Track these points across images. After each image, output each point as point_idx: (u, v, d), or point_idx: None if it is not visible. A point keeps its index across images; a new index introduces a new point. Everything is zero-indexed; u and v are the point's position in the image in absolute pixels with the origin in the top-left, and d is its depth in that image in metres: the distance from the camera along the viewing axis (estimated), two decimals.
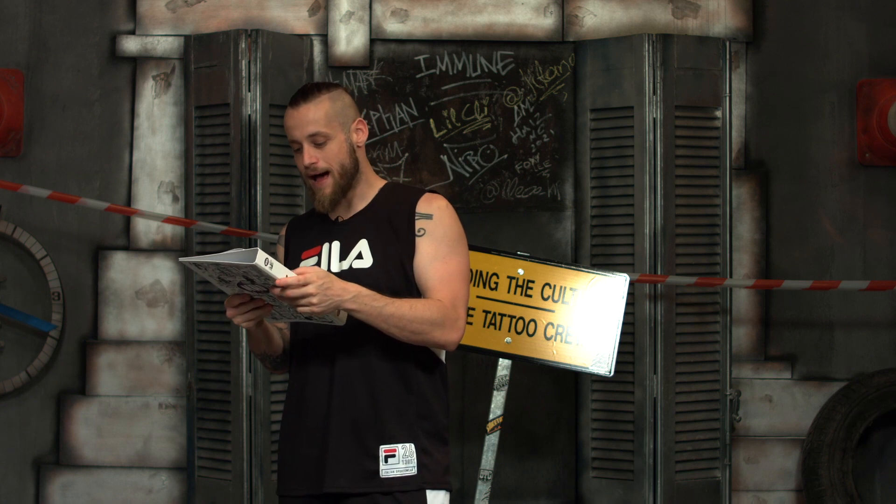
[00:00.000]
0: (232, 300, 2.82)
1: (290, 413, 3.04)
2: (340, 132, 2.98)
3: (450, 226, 3.01)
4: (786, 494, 5.29)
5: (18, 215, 5.14)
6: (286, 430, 3.05)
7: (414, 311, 2.89)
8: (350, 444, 2.92)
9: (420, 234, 2.97)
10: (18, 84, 5.15)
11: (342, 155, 2.97)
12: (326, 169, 2.96)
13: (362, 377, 2.93)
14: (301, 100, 2.97)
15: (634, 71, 4.94)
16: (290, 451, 3.05)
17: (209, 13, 5.19)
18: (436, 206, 3.00)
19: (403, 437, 2.94)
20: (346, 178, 2.98)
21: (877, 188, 5.35)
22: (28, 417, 5.16)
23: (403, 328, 2.88)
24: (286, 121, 2.99)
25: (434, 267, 2.96)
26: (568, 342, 4.37)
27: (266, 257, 2.66)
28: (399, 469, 2.92)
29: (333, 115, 2.97)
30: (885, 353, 5.33)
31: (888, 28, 5.36)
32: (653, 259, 4.90)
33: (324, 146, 2.95)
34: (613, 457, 4.98)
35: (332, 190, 2.97)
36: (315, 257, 3.01)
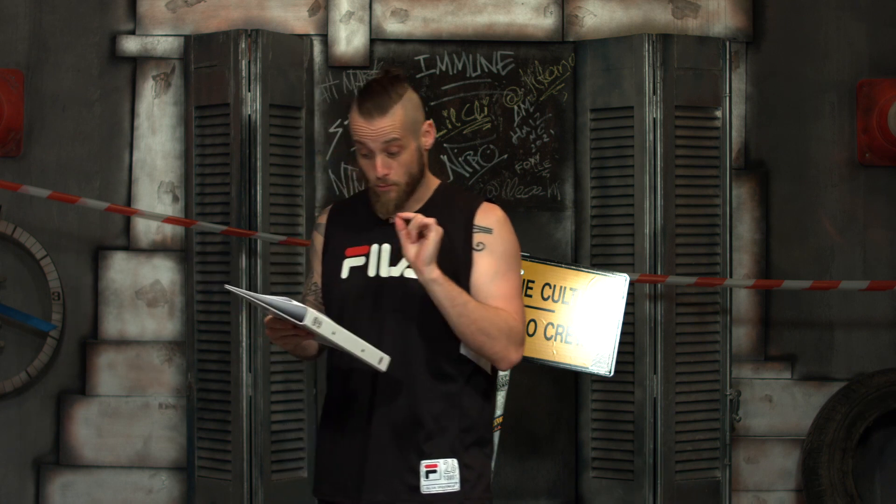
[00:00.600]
0: (274, 322, 2.74)
1: (329, 417, 2.95)
2: (413, 140, 2.87)
3: (509, 241, 2.91)
4: (786, 494, 5.29)
5: (18, 215, 5.14)
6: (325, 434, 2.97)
7: (490, 313, 2.80)
8: (391, 456, 2.84)
9: (479, 249, 2.88)
10: (18, 84, 5.15)
11: (412, 163, 2.87)
12: (396, 181, 2.85)
13: (405, 388, 2.84)
14: (376, 111, 2.82)
15: (634, 71, 4.94)
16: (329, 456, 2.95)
17: (209, 13, 5.19)
18: (495, 220, 2.90)
19: (445, 452, 2.86)
20: (413, 185, 2.89)
21: (877, 188, 5.35)
22: (28, 417, 5.16)
23: (475, 322, 2.77)
24: (355, 126, 2.86)
25: (496, 284, 2.86)
26: (568, 342, 4.37)
27: (315, 317, 2.61)
28: (440, 485, 2.84)
29: (408, 123, 2.85)
30: (885, 353, 5.33)
31: (888, 28, 5.36)
32: (653, 259, 4.90)
33: (397, 155, 2.84)
34: (613, 457, 4.97)
35: (396, 195, 2.87)
36: (361, 258, 2.91)
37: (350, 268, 2.91)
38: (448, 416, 2.86)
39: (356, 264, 2.90)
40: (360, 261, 2.90)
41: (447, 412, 2.86)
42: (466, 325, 2.77)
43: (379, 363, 2.71)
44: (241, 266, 4.84)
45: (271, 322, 2.73)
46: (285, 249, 4.94)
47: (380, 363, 2.71)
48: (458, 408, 2.87)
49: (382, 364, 2.71)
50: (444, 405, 2.86)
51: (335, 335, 2.65)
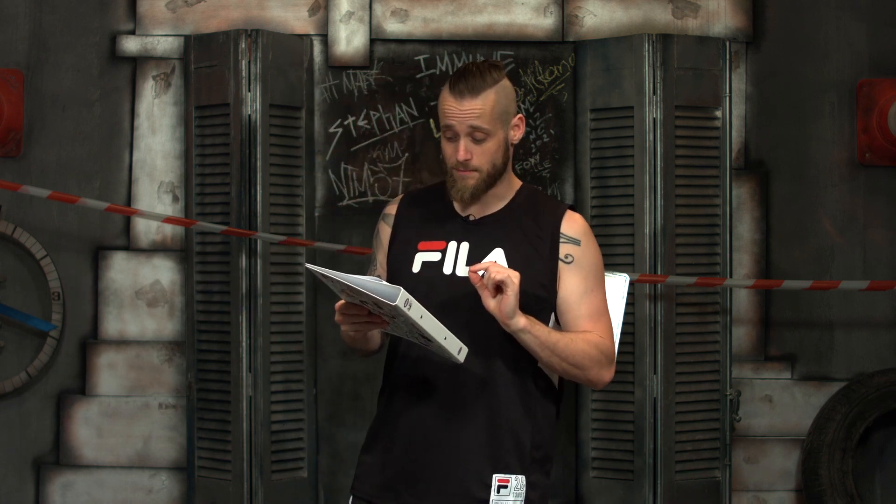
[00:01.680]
0: (347, 308, 2.61)
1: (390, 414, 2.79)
2: (500, 130, 2.76)
3: (596, 254, 2.84)
4: (786, 494, 5.29)
5: (18, 215, 5.14)
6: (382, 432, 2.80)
7: (578, 346, 2.72)
8: (464, 465, 2.70)
9: (568, 261, 2.79)
10: (18, 84, 5.15)
11: (497, 154, 2.76)
12: (478, 167, 2.74)
13: (484, 394, 2.71)
14: (467, 91, 2.71)
15: (634, 71, 4.94)
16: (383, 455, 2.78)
17: (209, 13, 5.19)
18: (582, 231, 2.82)
19: (518, 467, 2.72)
20: (494, 177, 2.77)
21: (877, 188, 5.35)
22: (28, 417, 5.16)
23: (566, 359, 2.70)
24: (444, 105, 2.75)
25: (585, 303, 2.79)
26: None
27: (407, 298, 2.48)
28: (508, 501, 2.70)
29: (498, 111, 2.74)
30: (885, 353, 5.33)
31: (888, 28, 5.36)
32: (653, 259, 4.90)
33: (482, 142, 2.73)
34: (613, 457, 4.97)
35: (475, 183, 2.75)
36: (437, 253, 2.79)
37: (423, 262, 2.79)
38: (524, 428, 2.74)
39: (430, 259, 2.79)
40: (435, 256, 2.78)
41: (523, 424, 2.74)
42: (557, 362, 2.70)
43: (458, 353, 2.58)
44: (241, 266, 4.84)
45: (343, 308, 2.61)
46: (285, 249, 4.94)
47: (459, 353, 2.59)
48: (532, 421, 2.75)
49: (461, 354, 2.59)
50: (521, 416, 2.73)
51: (422, 319, 2.51)
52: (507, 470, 2.71)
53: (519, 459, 2.73)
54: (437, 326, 2.55)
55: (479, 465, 2.70)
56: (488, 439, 2.70)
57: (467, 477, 2.70)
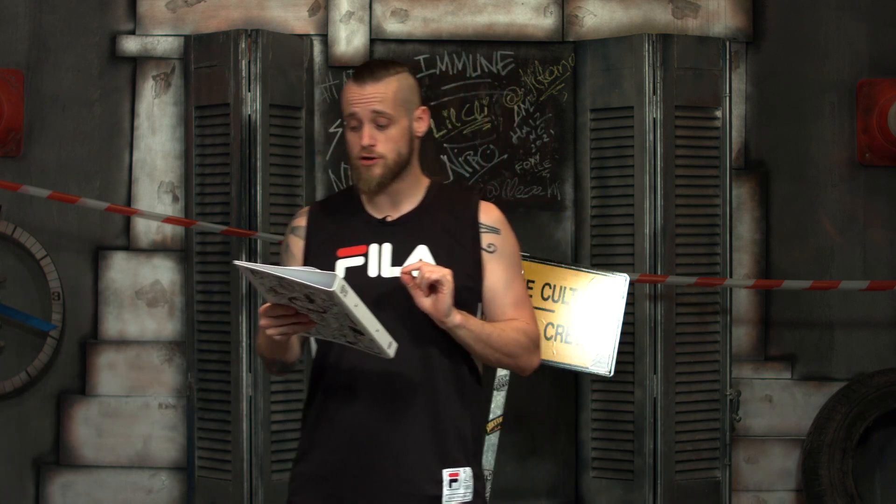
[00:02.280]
0: (272, 310, 2.56)
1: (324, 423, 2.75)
2: (404, 117, 2.77)
3: (514, 242, 2.85)
4: (786, 494, 5.29)
5: (18, 215, 5.14)
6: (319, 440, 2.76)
7: (510, 335, 2.73)
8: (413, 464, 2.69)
9: (490, 251, 2.79)
10: (18, 84, 5.15)
11: (402, 142, 2.76)
12: (382, 154, 2.74)
13: (424, 391, 2.71)
14: (369, 76, 2.75)
15: (634, 71, 4.94)
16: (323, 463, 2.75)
17: (209, 13, 5.19)
18: (499, 219, 2.83)
19: (464, 459, 2.73)
20: (400, 166, 2.77)
21: (877, 188, 5.35)
22: (28, 417, 5.16)
23: (499, 349, 2.72)
24: (347, 94, 2.76)
25: (510, 291, 2.79)
26: (568, 342, 4.37)
27: (343, 285, 2.44)
28: (459, 495, 2.71)
29: (401, 98, 2.76)
30: (885, 353, 5.33)
31: (888, 28, 5.36)
32: (653, 259, 4.90)
33: (386, 129, 2.74)
34: (613, 457, 4.97)
35: (381, 172, 2.75)
36: (359, 258, 2.77)
37: (346, 268, 2.77)
38: (464, 421, 2.75)
39: (353, 264, 2.77)
40: (358, 261, 2.77)
41: (463, 417, 2.75)
42: (491, 353, 2.72)
43: (388, 347, 2.55)
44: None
45: (269, 310, 2.57)
46: None
47: (389, 347, 2.55)
48: (470, 413, 2.77)
49: (391, 349, 2.56)
50: (461, 410, 2.75)
51: (357, 308, 2.47)
52: (456, 463, 2.72)
53: (464, 452, 2.74)
54: (370, 317, 2.52)
55: (427, 462, 2.70)
56: (433, 435, 2.71)
57: (417, 475, 2.69)
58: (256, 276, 2.50)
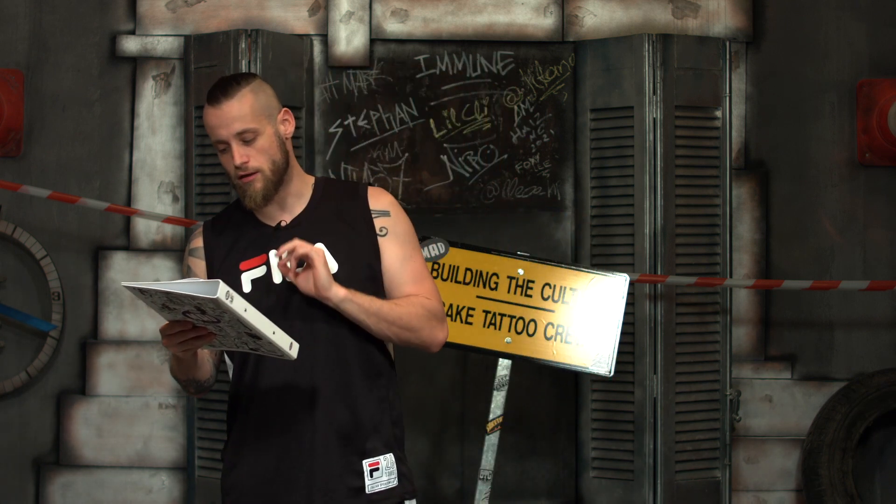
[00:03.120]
0: (170, 327, 2.56)
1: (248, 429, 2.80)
2: (268, 125, 2.79)
3: (406, 220, 2.88)
4: (786, 494, 5.29)
5: (18, 215, 5.15)
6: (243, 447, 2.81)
7: (404, 308, 2.77)
8: (335, 461, 2.75)
9: (382, 234, 2.83)
10: (18, 84, 5.15)
11: (272, 150, 2.78)
12: (258, 168, 2.75)
13: (343, 389, 2.76)
14: (222, 96, 2.76)
15: (634, 71, 4.94)
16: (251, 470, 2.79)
17: (209, 13, 5.19)
18: (389, 202, 2.87)
19: (383, 447, 2.80)
20: (278, 174, 2.79)
21: (877, 188, 5.35)
22: (28, 417, 5.16)
23: (395, 322, 2.75)
24: (208, 120, 2.79)
25: (407, 269, 2.83)
26: (568, 342, 4.37)
27: (227, 290, 2.44)
28: (383, 482, 2.79)
29: (259, 108, 2.77)
30: (885, 353, 5.33)
31: (888, 28, 5.36)
32: (653, 259, 4.90)
33: (253, 142, 2.76)
34: (613, 457, 4.97)
35: (262, 185, 2.76)
36: (261, 268, 2.80)
37: (251, 281, 2.80)
38: (381, 411, 2.81)
39: (257, 275, 2.79)
40: (261, 271, 2.79)
41: (380, 407, 2.81)
42: (387, 328, 2.75)
43: (290, 349, 2.57)
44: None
45: (167, 328, 2.57)
46: None
47: (290, 349, 2.57)
48: (387, 402, 2.83)
49: (293, 350, 2.58)
50: (377, 401, 2.80)
51: (247, 312, 2.47)
52: (374, 453, 2.79)
53: (382, 441, 2.80)
54: (262, 320, 2.52)
55: (349, 458, 2.76)
56: (355, 432, 2.77)
57: (341, 472, 2.75)
58: (145, 294, 2.50)
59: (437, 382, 5.15)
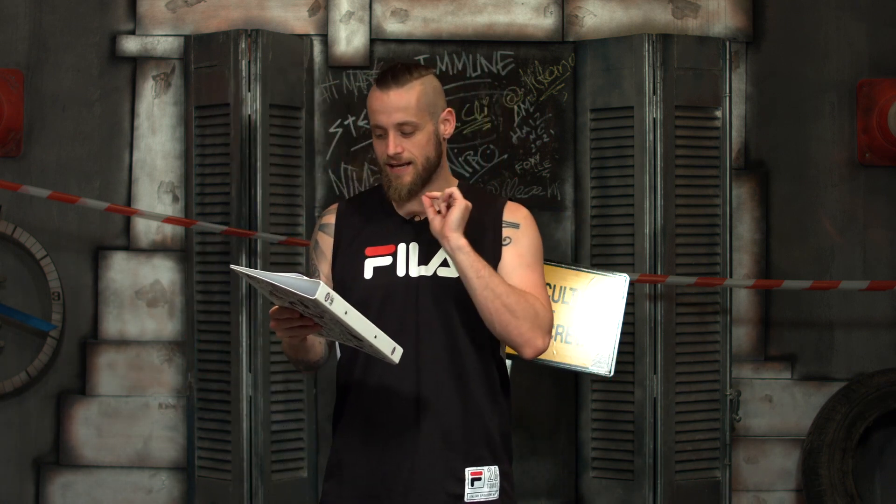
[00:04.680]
0: (279, 312, 2.56)
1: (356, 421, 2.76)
2: (430, 122, 2.77)
3: (535, 237, 2.85)
4: (786, 494, 5.29)
5: (18, 215, 5.14)
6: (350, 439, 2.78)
7: (519, 293, 2.68)
8: (435, 463, 2.70)
9: (506, 243, 2.80)
10: (18, 84, 5.15)
11: (429, 147, 2.76)
12: (410, 160, 2.74)
13: (454, 390, 2.72)
14: (392, 83, 2.72)
15: (634, 71, 4.94)
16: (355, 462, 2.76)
17: (209, 13, 5.19)
18: (522, 216, 2.85)
19: (490, 458, 2.75)
20: (429, 171, 2.77)
21: (877, 188, 5.35)
22: (28, 417, 5.16)
23: (500, 297, 2.64)
24: (372, 103, 2.75)
25: (521, 273, 2.77)
26: (568, 342, 4.37)
27: (328, 293, 2.43)
28: (483, 493, 2.73)
29: (425, 103, 2.75)
30: (885, 353, 5.33)
31: (888, 28, 5.36)
32: (653, 259, 4.90)
33: (411, 136, 2.74)
34: (613, 457, 4.98)
35: (412, 179, 2.74)
36: (387, 258, 2.77)
37: (374, 267, 2.77)
38: (492, 419, 2.75)
39: (381, 264, 2.77)
40: (386, 260, 2.77)
41: (491, 415, 2.75)
42: (491, 299, 2.64)
43: (392, 353, 2.54)
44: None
45: (276, 312, 2.57)
46: (285, 249, 4.94)
47: (392, 353, 2.54)
48: (498, 412, 2.77)
49: (395, 355, 2.54)
50: (489, 408, 2.75)
51: (347, 315, 2.46)
52: (479, 462, 2.73)
53: (490, 450, 2.75)
54: (364, 324, 2.51)
55: (453, 462, 2.71)
56: (463, 436, 2.72)
57: (443, 475, 2.71)
58: (253, 280, 2.51)
59: None
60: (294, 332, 2.59)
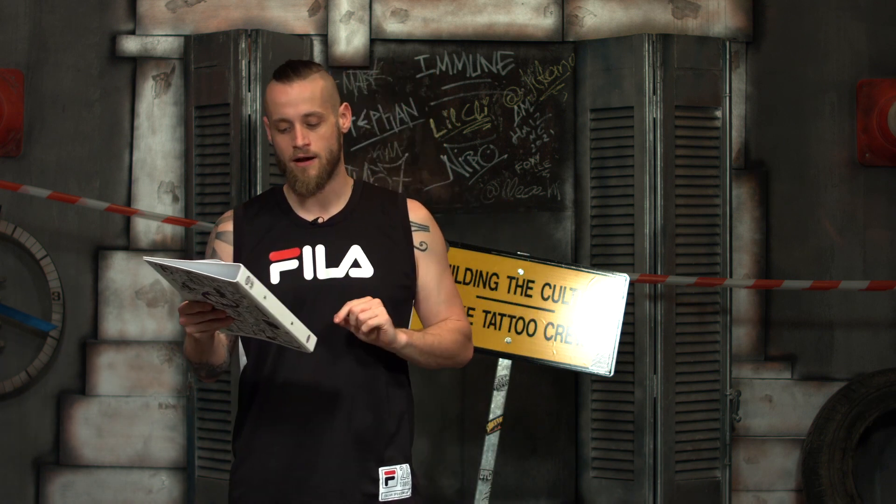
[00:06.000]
0: (189, 307, 2.53)
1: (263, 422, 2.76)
2: (332, 114, 2.77)
3: (442, 239, 2.88)
4: (786, 494, 5.29)
5: (18, 215, 5.14)
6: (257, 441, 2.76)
7: (448, 338, 2.79)
8: (352, 464, 2.71)
9: (423, 249, 2.81)
10: (18, 84, 5.15)
11: (332, 139, 2.76)
12: (317, 153, 2.74)
13: (366, 392, 2.73)
14: (294, 75, 2.74)
15: (634, 71, 4.94)
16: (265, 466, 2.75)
17: (209, 13, 5.19)
18: (427, 217, 2.86)
19: (400, 457, 2.77)
20: (332, 164, 2.77)
21: (877, 188, 5.35)
22: (28, 417, 5.16)
23: (441, 355, 2.79)
24: (275, 97, 2.75)
25: (442, 288, 2.83)
26: (568, 342, 4.37)
27: (248, 275, 2.41)
28: (397, 492, 2.75)
29: (326, 96, 2.77)
30: (885, 353, 5.33)
31: (888, 28, 5.36)
32: (653, 259, 4.90)
33: (316, 128, 2.74)
34: (613, 457, 4.98)
35: (317, 172, 2.74)
36: (293, 261, 2.76)
37: (280, 272, 2.76)
38: (401, 420, 2.78)
39: (287, 268, 2.75)
40: (292, 264, 2.75)
41: (401, 416, 2.78)
42: (434, 361, 2.78)
43: (307, 341, 2.53)
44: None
45: (186, 307, 2.54)
46: None
47: (308, 341, 2.53)
48: (407, 412, 2.80)
49: (310, 343, 2.53)
50: (399, 409, 2.78)
51: (266, 300, 2.44)
52: (392, 461, 2.75)
53: (400, 450, 2.77)
54: (281, 309, 2.49)
55: (367, 463, 2.72)
56: (376, 437, 2.73)
57: (357, 476, 2.72)
58: (167, 271, 2.48)
59: (437, 383, 5.15)
60: (205, 327, 2.57)
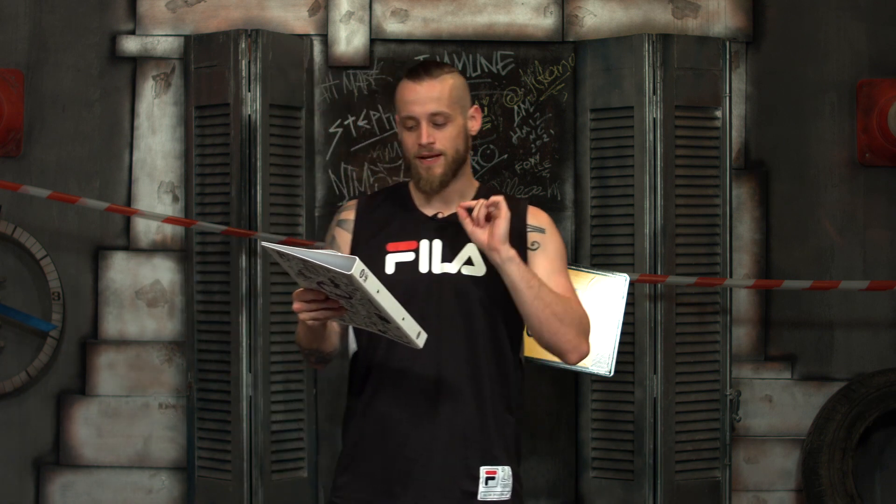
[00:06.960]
0: (304, 294, 2.57)
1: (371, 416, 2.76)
2: (460, 115, 2.80)
3: (560, 241, 2.88)
4: (786, 494, 5.29)
5: (18, 215, 5.15)
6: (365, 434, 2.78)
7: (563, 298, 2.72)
8: (453, 459, 2.71)
9: (534, 248, 2.81)
10: (18, 84, 5.15)
11: (458, 140, 2.79)
12: (441, 151, 2.76)
13: (472, 388, 2.73)
14: (425, 74, 2.76)
15: (634, 71, 4.94)
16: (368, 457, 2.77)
17: (209, 13, 5.19)
18: (546, 221, 2.86)
19: (504, 458, 2.75)
20: (457, 164, 2.79)
21: (877, 188, 5.35)
22: (28, 417, 5.16)
23: (549, 305, 2.68)
24: (404, 94, 2.77)
25: (555, 280, 2.79)
26: None
27: (363, 269, 2.43)
28: (496, 493, 2.74)
29: (456, 97, 2.78)
30: (885, 353, 5.33)
31: (888, 28, 5.36)
32: (653, 259, 4.90)
33: (443, 127, 2.76)
34: (613, 457, 4.98)
35: (443, 171, 2.77)
36: (410, 253, 2.79)
37: (396, 263, 2.79)
38: (506, 421, 2.77)
39: (403, 259, 2.79)
40: (408, 256, 2.79)
41: (506, 417, 2.77)
42: (541, 308, 2.68)
43: (417, 337, 2.54)
44: (241, 266, 4.84)
45: (301, 294, 2.57)
46: None
47: (417, 337, 2.54)
48: (512, 414, 2.78)
49: (420, 339, 2.55)
50: (504, 409, 2.76)
51: (379, 294, 2.46)
52: (495, 461, 2.74)
53: (505, 451, 2.76)
54: (393, 304, 2.51)
55: (469, 461, 2.72)
56: (480, 435, 2.73)
57: (458, 472, 2.72)
58: (283, 258, 2.50)
59: None
60: (318, 315, 2.58)
